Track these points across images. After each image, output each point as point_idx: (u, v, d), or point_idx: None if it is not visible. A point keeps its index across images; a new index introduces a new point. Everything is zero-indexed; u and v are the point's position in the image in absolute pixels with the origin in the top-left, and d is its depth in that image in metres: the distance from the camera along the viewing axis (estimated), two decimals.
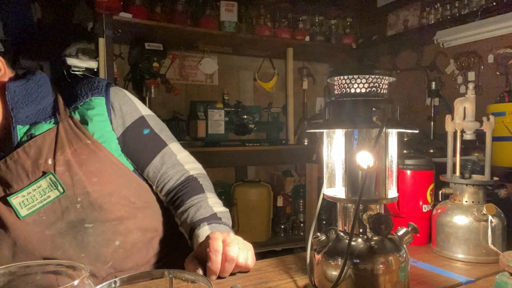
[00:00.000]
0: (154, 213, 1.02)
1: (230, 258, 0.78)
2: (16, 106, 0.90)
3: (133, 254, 0.96)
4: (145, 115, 1.01)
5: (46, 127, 0.92)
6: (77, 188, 0.89)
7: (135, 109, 1.00)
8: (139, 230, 0.97)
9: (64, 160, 0.89)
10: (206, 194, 1.00)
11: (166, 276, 0.59)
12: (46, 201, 0.88)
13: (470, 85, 0.95)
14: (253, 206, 2.88)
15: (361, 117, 0.64)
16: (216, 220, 0.94)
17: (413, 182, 0.99)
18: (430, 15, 2.65)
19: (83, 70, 2.23)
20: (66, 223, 0.90)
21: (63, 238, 0.90)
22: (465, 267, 0.85)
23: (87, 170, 0.90)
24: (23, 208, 0.87)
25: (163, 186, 1.02)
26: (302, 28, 3.01)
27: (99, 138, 0.93)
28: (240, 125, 2.88)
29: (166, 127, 1.06)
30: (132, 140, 0.98)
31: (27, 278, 0.53)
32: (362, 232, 0.66)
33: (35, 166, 0.88)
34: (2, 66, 0.93)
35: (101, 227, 0.92)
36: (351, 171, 0.66)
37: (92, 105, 0.95)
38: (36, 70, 0.97)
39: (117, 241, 0.93)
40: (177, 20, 2.57)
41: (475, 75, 2.47)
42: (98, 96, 0.96)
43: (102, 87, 0.98)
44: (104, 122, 0.95)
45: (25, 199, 0.87)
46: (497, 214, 0.87)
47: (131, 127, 0.98)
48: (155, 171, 1.01)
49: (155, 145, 1.01)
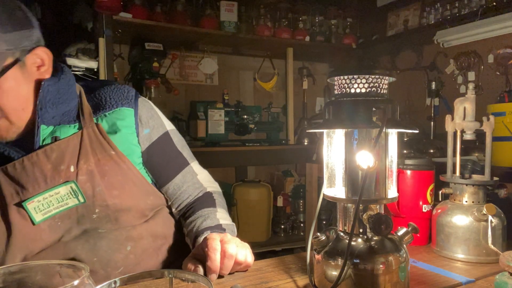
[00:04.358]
0: (165, 220, 1.02)
1: (229, 254, 0.78)
2: (45, 105, 0.86)
3: (143, 260, 0.95)
4: (169, 130, 1.02)
5: (71, 131, 0.89)
6: (97, 200, 0.88)
7: (161, 124, 1.00)
8: (150, 236, 0.96)
9: (87, 170, 0.87)
10: (217, 208, 1.01)
11: (166, 276, 0.59)
12: (63, 208, 0.86)
13: (470, 85, 0.95)
14: (253, 206, 2.88)
15: (361, 117, 0.64)
16: (220, 230, 0.94)
17: (413, 182, 0.99)
18: (430, 15, 2.65)
19: (83, 70, 2.23)
20: (80, 230, 0.88)
21: (76, 242, 0.88)
22: (465, 267, 0.85)
23: (109, 182, 0.89)
24: (38, 213, 0.84)
25: (180, 203, 1.03)
26: (302, 28, 3.01)
27: (124, 150, 0.92)
28: (240, 125, 2.88)
29: (185, 142, 1.07)
30: (156, 155, 0.98)
31: (27, 278, 0.53)
32: (362, 232, 0.66)
33: (55, 172, 0.85)
34: (48, 61, 0.87)
35: (114, 232, 0.91)
36: (351, 171, 0.66)
37: (122, 115, 0.93)
38: (63, 66, 0.93)
39: (128, 246, 0.92)
40: (177, 20, 2.57)
41: (475, 75, 2.46)
42: (128, 107, 0.94)
43: (132, 98, 0.96)
44: (131, 134, 0.94)
45: (40, 204, 0.84)
46: (497, 214, 0.87)
47: (156, 142, 0.98)
48: (175, 188, 1.02)
49: (178, 163, 1.02)
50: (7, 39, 0.79)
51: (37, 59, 0.85)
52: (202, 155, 1.27)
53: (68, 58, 2.19)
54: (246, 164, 3.23)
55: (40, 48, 0.85)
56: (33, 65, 0.85)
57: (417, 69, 2.82)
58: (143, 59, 2.60)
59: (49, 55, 0.87)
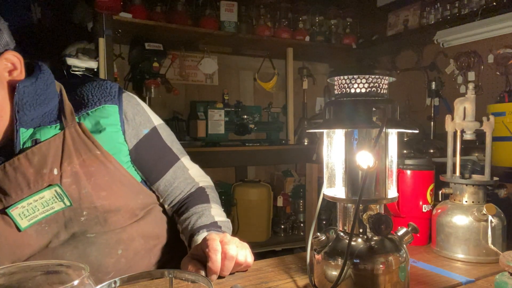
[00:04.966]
0: (156, 220, 1.00)
1: (230, 256, 0.78)
2: (22, 108, 0.81)
3: (135, 264, 0.92)
4: (157, 125, 0.98)
5: (52, 132, 0.85)
6: (84, 202, 0.84)
7: (148, 119, 0.96)
8: (142, 237, 0.94)
9: (71, 172, 0.83)
10: (210, 204, 0.99)
11: (166, 276, 0.59)
12: (49, 212, 0.83)
13: (470, 85, 0.95)
14: (253, 206, 2.87)
15: (361, 117, 0.64)
16: (216, 228, 0.93)
17: (413, 182, 0.99)
18: (430, 15, 2.65)
19: (83, 70, 2.23)
20: (69, 233, 0.86)
21: (64, 248, 0.86)
22: (465, 267, 0.85)
23: (96, 183, 0.85)
24: (23, 219, 0.81)
25: (172, 199, 1.01)
26: (302, 28, 3.01)
27: (110, 149, 0.88)
28: (240, 125, 2.88)
29: (175, 137, 1.04)
30: (145, 152, 0.95)
31: (27, 278, 0.53)
32: (362, 232, 0.66)
33: (38, 176, 0.82)
34: (20, 65, 0.83)
35: (104, 235, 0.88)
36: (351, 171, 0.66)
37: (106, 113, 0.89)
38: (41, 65, 0.88)
39: (119, 250, 0.90)
40: (177, 20, 2.57)
41: (475, 75, 2.47)
42: (111, 104, 0.90)
43: (115, 94, 0.92)
44: (116, 133, 0.90)
45: (25, 209, 0.81)
46: (497, 214, 0.87)
47: (144, 139, 0.94)
48: (166, 185, 0.99)
49: (168, 159, 0.99)
50: None
51: (7, 63, 0.82)
52: (202, 155, 1.27)
53: (68, 58, 2.19)
54: (246, 164, 3.23)
55: (8, 52, 0.81)
56: (4, 70, 0.82)
57: (417, 69, 2.82)
58: (143, 59, 2.60)
59: (19, 58, 0.83)
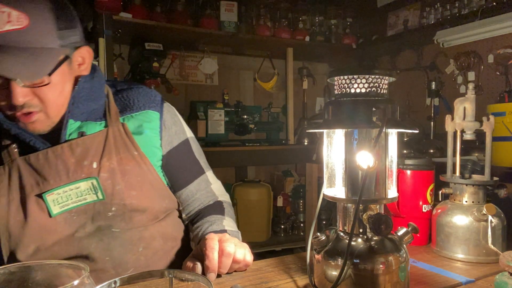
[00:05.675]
0: (175, 223, 1.03)
1: (227, 253, 0.79)
2: (77, 101, 0.88)
3: (153, 263, 0.95)
4: (189, 138, 1.05)
5: (97, 128, 0.91)
6: (115, 198, 0.89)
7: (182, 130, 1.03)
8: (161, 237, 0.97)
9: (109, 167, 0.88)
10: (225, 216, 1.02)
11: (166, 276, 0.59)
12: (81, 203, 0.87)
13: (470, 85, 0.95)
14: (253, 206, 2.87)
15: (361, 117, 0.64)
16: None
17: (413, 182, 0.99)
18: (430, 15, 2.65)
19: None
20: (94, 226, 0.89)
21: (89, 239, 0.89)
22: (465, 267, 0.86)
23: (129, 182, 0.90)
24: (55, 206, 0.85)
25: (191, 210, 1.04)
26: (302, 28, 3.01)
27: (146, 151, 0.93)
28: (240, 125, 2.88)
29: (202, 151, 1.10)
30: (175, 160, 1.00)
31: (27, 278, 0.53)
32: (362, 232, 0.66)
33: (78, 166, 0.87)
34: (88, 60, 0.91)
35: (128, 232, 0.92)
36: (351, 171, 0.66)
37: (148, 118, 0.95)
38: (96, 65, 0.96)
39: (140, 247, 0.93)
40: (177, 20, 2.57)
41: (475, 75, 2.46)
42: (154, 111, 0.97)
43: (158, 102, 0.99)
44: (155, 137, 0.96)
45: (60, 196, 0.85)
46: (497, 214, 0.87)
47: (177, 148, 1.00)
48: (188, 194, 1.03)
49: (194, 170, 1.05)
50: (61, 36, 0.82)
51: (79, 57, 0.89)
52: None
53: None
54: (246, 164, 3.22)
55: (85, 47, 0.89)
56: (76, 62, 0.88)
57: (417, 69, 2.82)
58: (143, 59, 2.60)
59: (91, 54, 0.91)
